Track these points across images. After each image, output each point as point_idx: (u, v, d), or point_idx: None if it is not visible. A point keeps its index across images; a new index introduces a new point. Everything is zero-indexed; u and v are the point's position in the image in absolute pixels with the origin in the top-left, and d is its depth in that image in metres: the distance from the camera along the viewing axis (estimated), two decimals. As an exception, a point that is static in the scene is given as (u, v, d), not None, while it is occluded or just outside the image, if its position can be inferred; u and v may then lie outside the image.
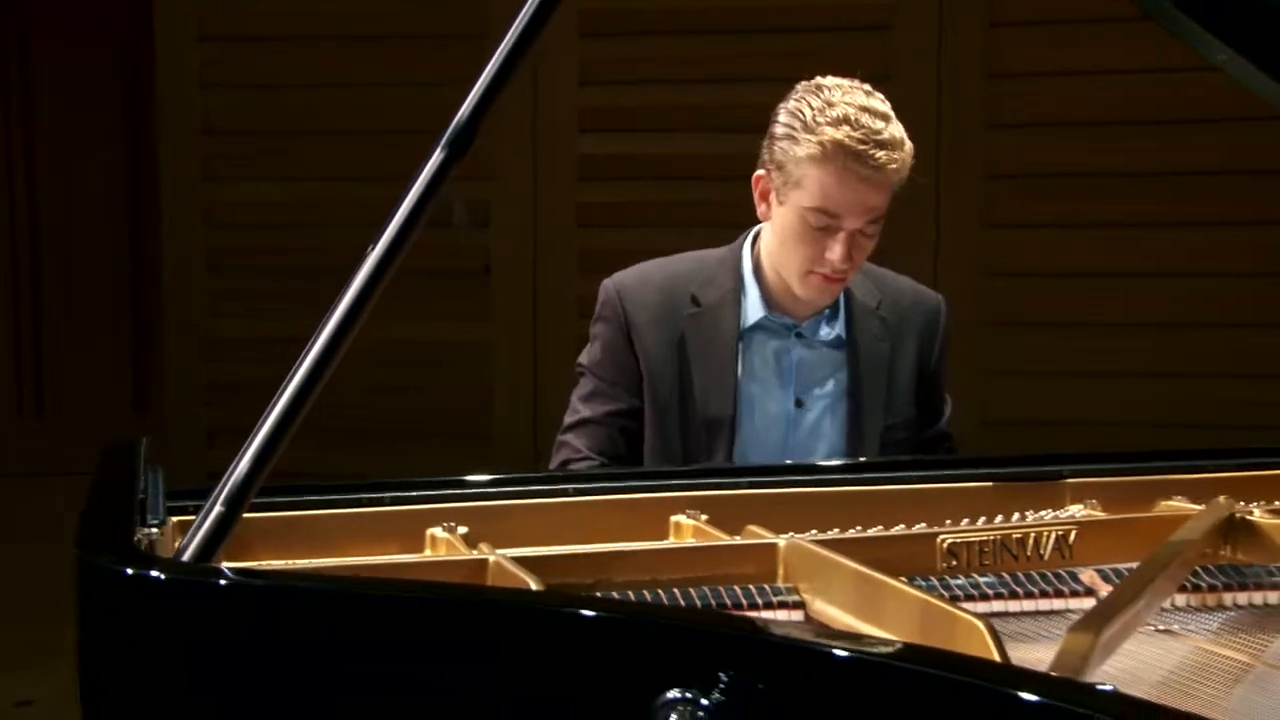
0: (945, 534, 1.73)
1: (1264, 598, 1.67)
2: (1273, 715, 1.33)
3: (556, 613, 1.18)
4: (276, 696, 1.22)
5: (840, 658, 1.06)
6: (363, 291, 1.53)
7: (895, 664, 1.06)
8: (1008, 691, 1.02)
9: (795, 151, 2.26)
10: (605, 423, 2.40)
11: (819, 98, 2.28)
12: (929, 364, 2.48)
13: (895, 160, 2.25)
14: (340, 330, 1.50)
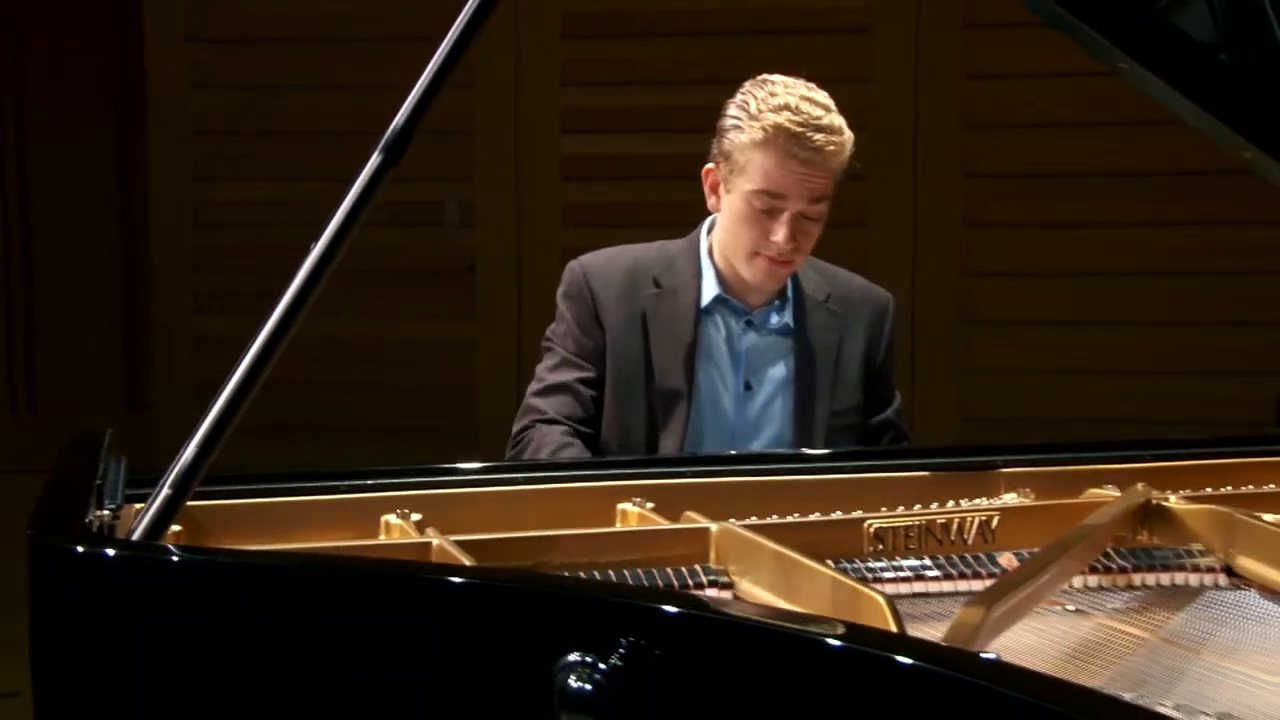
0: (872, 519, 1.81)
1: (1170, 578, 1.75)
2: (1153, 682, 1.40)
3: (469, 584, 1.26)
4: (218, 667, 1.30)
5: (725, 623, 1.14)
6: (302, 290, 1.60)
7: (778, 629, 1.14)
8: (886, 655, 1.10)
9: (740, 139, 2.38)
10: (570, 387, 2.50)
11: (763, 89, 2.42)
12: (876, 357, 2.57)
13: (834, 144, 2.36)
14: (280, 326, 1.57)
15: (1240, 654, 1.50)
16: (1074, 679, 1.38)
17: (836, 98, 5.44)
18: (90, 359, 5.98)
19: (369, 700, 1.24)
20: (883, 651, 1.10)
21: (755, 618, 1.19)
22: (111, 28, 5.45)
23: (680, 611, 1.17)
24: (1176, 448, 2.19)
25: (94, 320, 5.93)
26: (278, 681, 1.27)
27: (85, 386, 6.01)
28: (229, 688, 1.31)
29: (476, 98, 5.27)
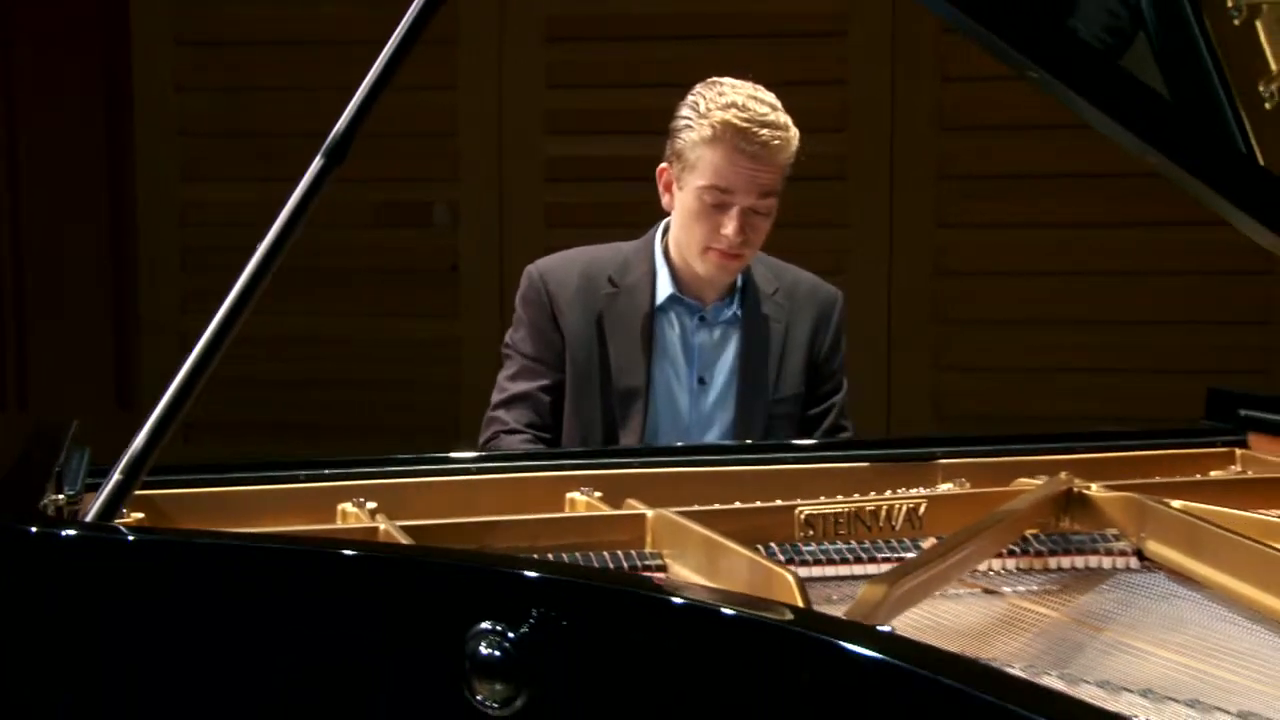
0: (803, 506, 1.89)
1: (1085, 562, 1.83)
2: (1051, 655, 1.48)
3: (392, 559, 1.35)
4: (163, 641, 1.38)
5: (626, 595, 1.22)
6: (247, 288, 1.67)
7: (673, 600, 1.22)
8: (777, 623, 1.18)
9: (691, 137, 2.48)
10: (531, 396, 2.59)
11: (713, 90, 2.53)
12: (820, 349, 2.66)
13: (779, 139, 2.46)
14: (226, 322, 1.65)
15: (1138, 630, 1.58)
16: (975, 652, 1.47)
17: (814, 100, 5.57)
18: (81, 357, 6.04)
19: (300, 666, 1.33)
20: (767, 618, 1.18)
21: (650, 590, 1.27)
22: (100, 30, 5.51)
23: (584, 583, 1.26)
24: (1108, 439, 2.28)
25: (85, 318, 5.99)
26: (216, 653, 1.35)
27: (76, 384, 6.07)
28: (174, 660, 1.39)
29: (460, 100, 5.34)
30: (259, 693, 1.34)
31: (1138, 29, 2.27)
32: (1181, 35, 2.19)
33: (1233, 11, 2.15)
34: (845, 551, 1.82)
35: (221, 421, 5.42)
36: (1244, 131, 2.18)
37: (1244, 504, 1.96)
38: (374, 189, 5.35)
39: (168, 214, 5.45)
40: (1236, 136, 2.17)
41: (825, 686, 1.12)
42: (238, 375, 5.39)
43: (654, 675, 1.22)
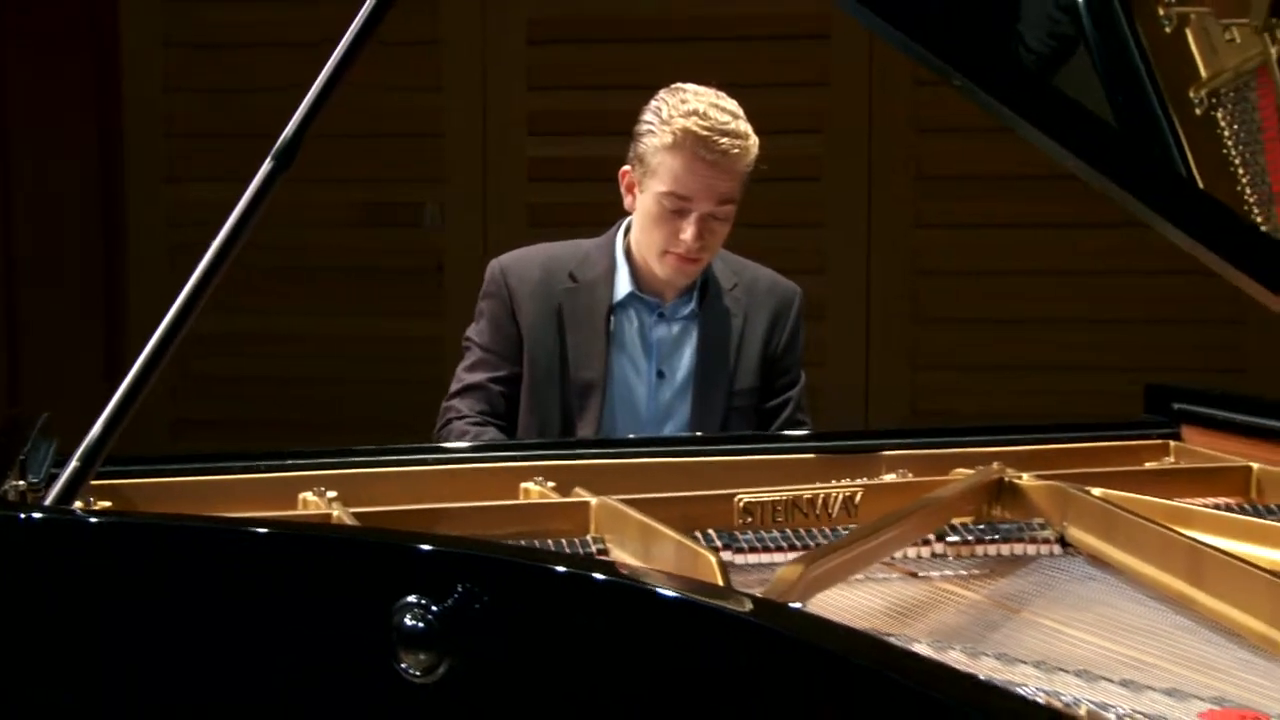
0: (742, 494, 1.97)
1: (1010, 549, 1.90)
2: (965, 634, 1.56)
3: (325, 537, 1.43)
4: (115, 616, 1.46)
5: (540, 570, 1.31)
6: (198, 286, 1.74)
7: (591, 576, 1.30)
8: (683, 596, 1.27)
9: (652, 143, 2.54)
10: (486, 386, 2.67)
11: (675, 96, 2.59)
12: (777, 345, 2.73)
13: (738, 147, 2.52)
14: (178, 319, 1.73)
15: (1050, 610, 1.66)
16: (893, 631, 1.55)
17: (793, 101, 5.63)
18: (73, 355, 6.11)
19: (238, 637, 1.41)
20: (681, 594, 1.26)
21: (564, 566, 1.36)
22: (92, 31, 5.59)
23: (503, 560, 1.34)
24: (1050, 432, 2.37)
25: (77, 317, 6.07)
26: (160, 629, 1.44)
27: (68, 381, 6.14)
28: (123, 636, 1.47)
29: (444, 102, 5.41)
30: (203, 663, 1.42)
31: (1079, 38, 2.36)
32: (1117, 43, 2.27)
33: (1164, 20, 2.23)
34: (780, 539, 1.89)
35: (211, 419, 5.52)
36: (1180, 144, 2.27)
37: (1172, 492, 2.04)
38: (360, 189, 5.44)
39: (156, 213, 5.52)
40: (1174, 154, 2.25)
41: (717, 653, 1.21)
42: (226, 374, 5.53)
43: (565, 643, 1.30)
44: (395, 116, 5.39)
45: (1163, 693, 1.33)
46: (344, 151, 5.38)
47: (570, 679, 1.30)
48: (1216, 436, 2.28)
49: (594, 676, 1.29)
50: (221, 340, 5.46)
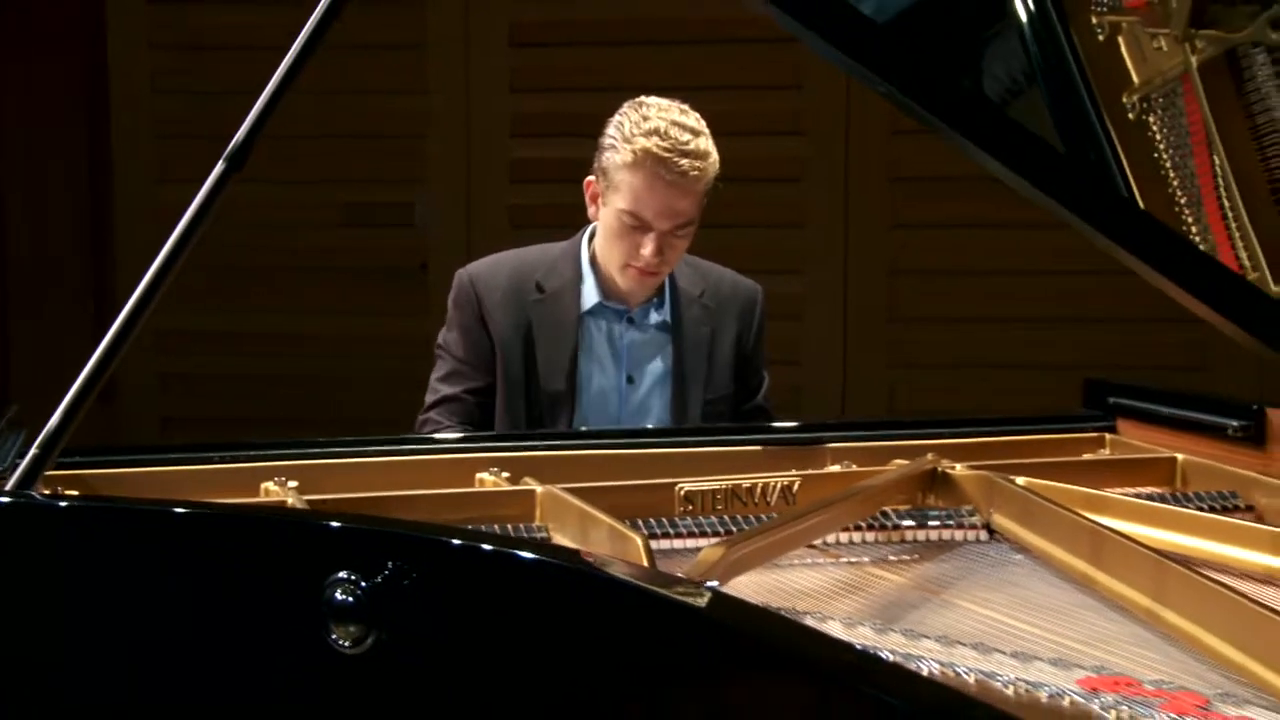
0: (683, 483, 2.05)
1: (939, 535, 1.99)
2: (876, 612, 1.64)
3: (264, 519, 1.52)
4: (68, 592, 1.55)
5: (464, 549, 1.39)
6: (153, 282, 1.82)
7: (515, 555, 1.39)
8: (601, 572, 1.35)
9: (615, 159, 2.60)
10: (463, 398, 2.73)
11: (638, 113, 2.64)
12: (747, 345, 2.80)
13: (698, 168, 2.58)
14: (133, 315, 1.80)
15: (966, 591, 1.74)
16: (812, 610, 1.63)
17: (771, 104, 5.70)
18: (63, 354, 6.18)
19: (182, 613, 1.49)
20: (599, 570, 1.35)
21: (486, 544, 1.44)
22: (80, 34, 5.67)
23: (431, 538, 1.42)
24: (991, 424, 2.45)
25: (66, 316, 6.15)
26: (113, 606, 1.52)
27: (58, 380, 6.21)
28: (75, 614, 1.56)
29: (429, 103, 5.50)
30: (148, 637, 1.50)
31: (1018, 45, 2.44)
32: (1055, 52, 2.36)
33: (1097, 29, 2.32)
34: (718, 526, 1.97)
35: (198, 417, 5.60)
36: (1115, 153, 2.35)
37: (1102, 482, 2.13)
38: (346, 190, 5.52)
39: (143, 214, 5.60)
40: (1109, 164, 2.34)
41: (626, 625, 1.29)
42: (214, 372, 5.60)
43: (488, 616, 1.39)
44: (380, 118, 5.48)
45: (1049, 662, 1.41)
46: (329, 152, 5.48)
47: (492, 649, 1.39)
48: (1148, 429, 2.36)
49: (514, 646, 1.37)
50: (210, 339, 5.56)
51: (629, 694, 1.31)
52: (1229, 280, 2.03)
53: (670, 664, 1.28)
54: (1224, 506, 2.02)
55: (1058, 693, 1.31)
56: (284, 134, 5.57)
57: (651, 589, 1.30)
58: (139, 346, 5.96)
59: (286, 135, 5.57)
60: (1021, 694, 1.33)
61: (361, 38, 5.48)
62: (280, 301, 5.60)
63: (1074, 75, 2.34)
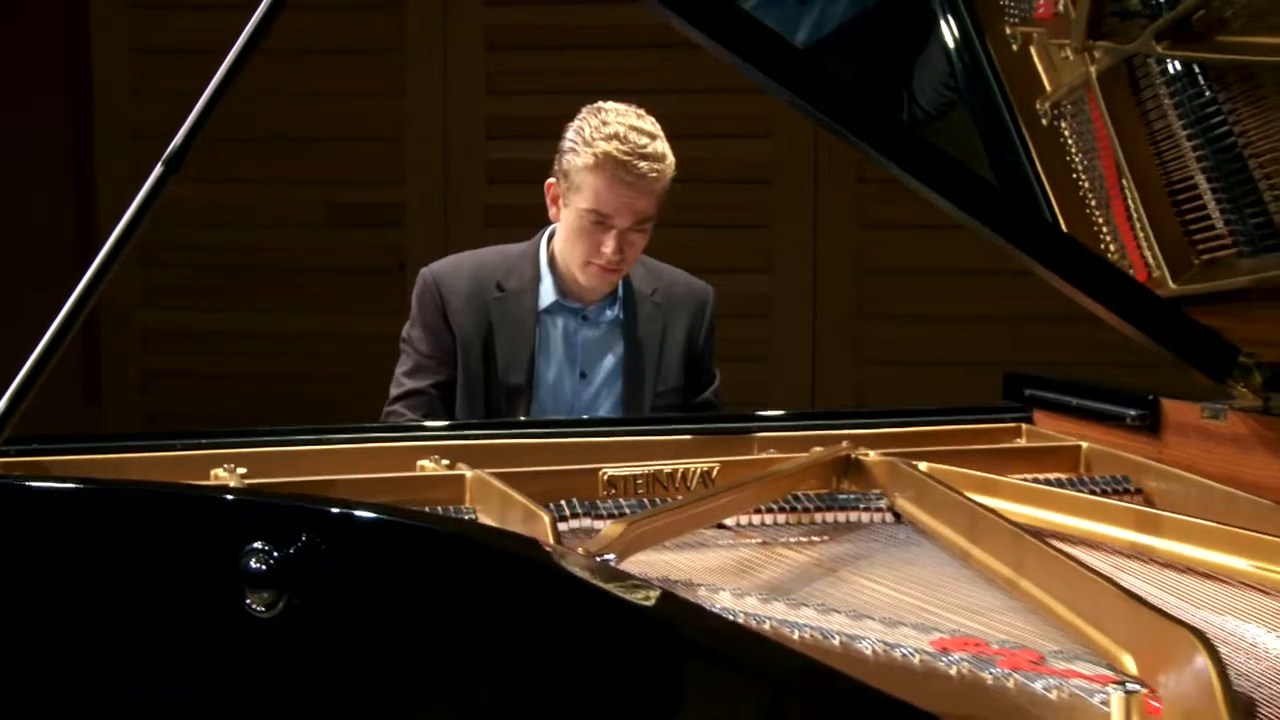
0: (607, 468, 2.17)
1: (846, 517, 2.10)
2: (765, 586, 1.76)
3: (186, 495, 1.64)
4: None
5: (368, 521, 1.52)
6: (94, 279, 1.93)
7: (402, 523, 1.51)
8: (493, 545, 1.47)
9: (576, 162, 2.73)
10: (428, 393, 2.85)
11: (597, 118, 2.76)
12: (697, 343, 2.92)
13: (656, 170, 2.71)
14: (74, 311, 1.91)
15: (856, 567, 1.86)
16: (711, 583, 1.75)
17: (741, 107, 5.79)
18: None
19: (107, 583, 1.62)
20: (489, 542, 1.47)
21: (387, 516, 1.56)
22: (65, 38, 5.78)
23: (338, 513, 1.54)
24: (913, 415, 2.57)
25: (50, 315, 6.25)
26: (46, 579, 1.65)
27: (49, 379, 6.31)
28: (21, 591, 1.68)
29: (406, 106, 5.61)
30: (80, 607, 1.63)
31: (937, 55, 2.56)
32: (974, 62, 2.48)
33: (1011, 39, 2.44)
34: (638, 507, 2.09)
35: (179, 413, 5.71)
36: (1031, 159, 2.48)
37: (1014, 469, 2.24)
38: (325, 190, 5.64)
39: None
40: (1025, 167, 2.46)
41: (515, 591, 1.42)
42: (196, 370, 5.71)
43: (392, 581, 1.51)
44: (359, 121, 5.59)
45: (912, 627, 1.53)
46: (311, 154, 5.60)
47: (396, 613, 1.51)
48: (1060, 419, 2.48)
49: (417, 609, 1.50)
50: (194, 338, 5.68)
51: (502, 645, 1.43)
52: (1127, 285, 2.14)
53: (537, 621, 1.40)
54: (1117, 490, 2.13)
55: (910, 652, 1.43)
56: (266, 136, 5.74)
57: (515, 552, 1.43)
58: (121, 345, 6.08)
59: (269, 137, 5.73)
60: (879, 654, 1.45)
61: (342, 42, 5.61)
62: (263, 300, 5.71)
63: (990, 83, 2.47)
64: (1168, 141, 2.19)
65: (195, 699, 1.56)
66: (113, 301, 5.76)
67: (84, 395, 6.53)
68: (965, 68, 2.49)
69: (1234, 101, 2.01)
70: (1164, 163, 2.22)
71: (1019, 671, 1.36)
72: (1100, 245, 2.40)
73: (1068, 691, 1.31)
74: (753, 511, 2.08)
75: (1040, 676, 1.34)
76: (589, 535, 1.97)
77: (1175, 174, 2.20)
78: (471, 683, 1.49)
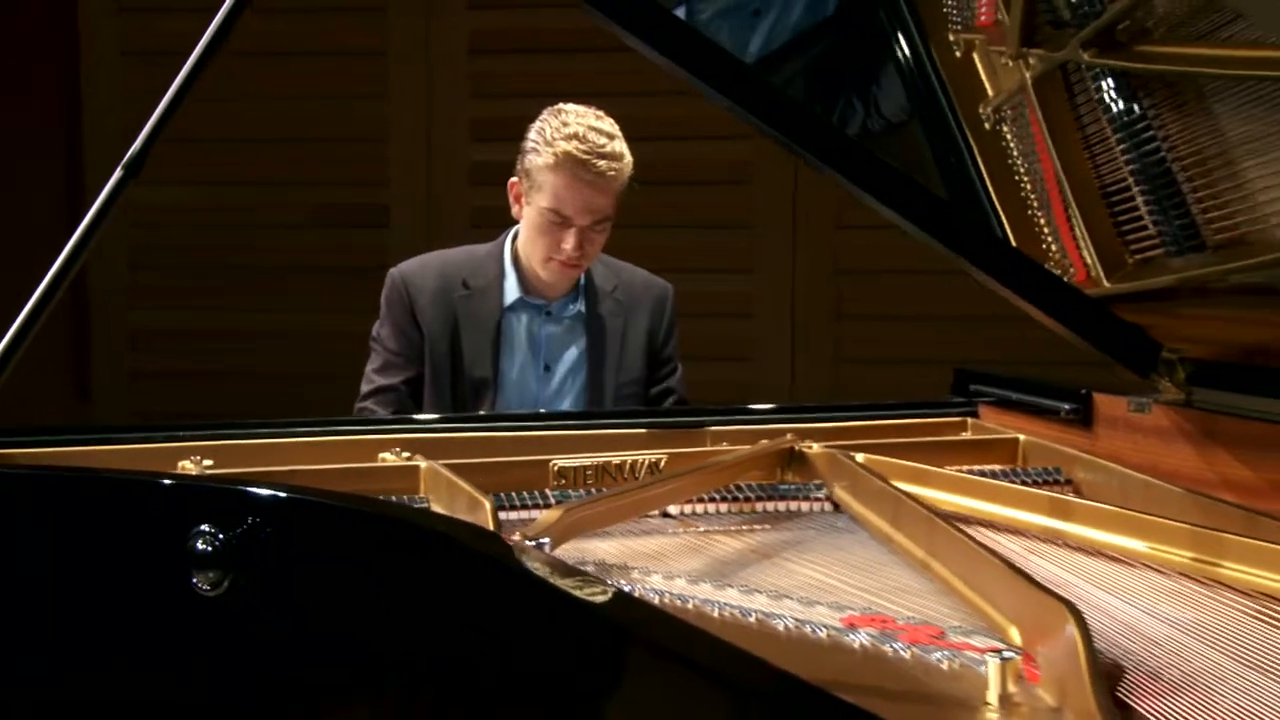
0: (557, 459, 2.25)
1: (786, 506, 2.19)
2: (694, 568, 1.84)
3: (138, 480, 1.73)
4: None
5: (310, 503, 1.60)
6: (57, 277, 2.01)
7: (339, 505, 1.60)
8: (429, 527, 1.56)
9: (537, 161, 2.82)
10: (398, 389, 2.95)
11: (557, 119, 2.86)
12: (658, 336, 3.01)
13: (614, 169, 2.80)
14: (35, 311, 1.98)
15: (796, 554, 1.94)
16: (644, 565, 1.83)
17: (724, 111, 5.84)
18: (40, 352, 6.36)
19: (65, 565, 1.70)
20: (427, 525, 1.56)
21: (328, 500, 1.65)
22: (57, 42, 5.86)
23: (281, 496, 1.63)
24: (861, 410, 2.65)
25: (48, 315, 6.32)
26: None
27: (36, 378, 6.38)
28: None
29: (391, 109, 5.69)
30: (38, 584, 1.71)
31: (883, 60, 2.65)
32: (920, 69, 2.56)
33: (955, 45, 2.53)
34: (586, 497, 2.16)
35: (169, 411, 5.78)
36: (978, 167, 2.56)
37: (955, 461, 2.33)
38: (311, 192, 5.72)
39: (117, 215, 5.78)
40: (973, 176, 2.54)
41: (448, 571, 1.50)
42: (182, 369, 5.79)
43: (333, 562, 1.60)
44: (344, 123, 5.68)
45: (827, 606, 1.61)
46: (295, 156, 5.68)
47: (335, 591, 1.59)
48: (1003, 414, 2.57)
49: (356, 590, 1.58)
50: (182, 337, 5.76)
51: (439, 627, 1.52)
52: (1053, 284, 2.23)
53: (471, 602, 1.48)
54: (1048, 480, 2.22)
55: (820, 628, 1.52)
56: (253, 138, 5.81)
57: (441, 531, 1.52)
58: (110, 345, 6.13)
59: (255, 139, 5.81)
60: (791, 630, 1.53)
61: (327, 46, 5.70)
62: (249, 300, 5.78)
63: (935, 88, 2.55)
64: (1101, 145, 2.27)
65: (143, 673, 1.65)
66: (102, 302, 5.86)
67: (75, 394, 6.61)
68: (911, 74, 2.57)
69: (1158, 108, 2.09)
70: (1098, 166, 2.30)
71: (917, 645, 1.44)
72: (1042, 245, 2.49)
73: (959, 662, 1.39)
74: (698, 500, 2.16)
75: (937, 649, 1.43)
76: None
77: (1109, 177, 2.28)
78: (411, 664, 1.57)
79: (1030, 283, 2.16)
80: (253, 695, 1.61)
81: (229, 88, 5.76)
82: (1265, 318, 2.04)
